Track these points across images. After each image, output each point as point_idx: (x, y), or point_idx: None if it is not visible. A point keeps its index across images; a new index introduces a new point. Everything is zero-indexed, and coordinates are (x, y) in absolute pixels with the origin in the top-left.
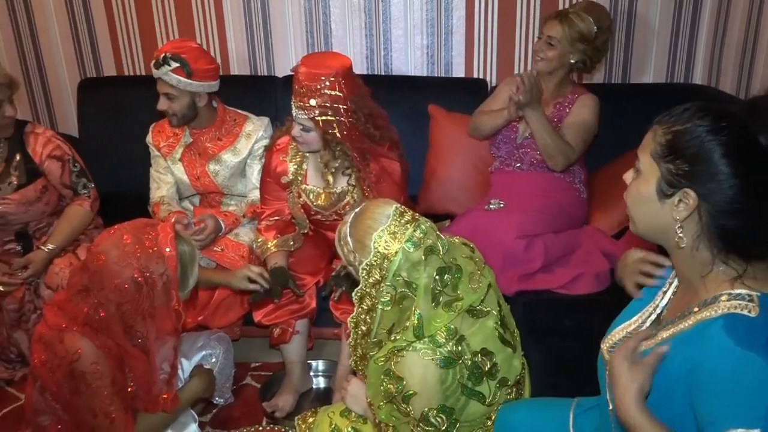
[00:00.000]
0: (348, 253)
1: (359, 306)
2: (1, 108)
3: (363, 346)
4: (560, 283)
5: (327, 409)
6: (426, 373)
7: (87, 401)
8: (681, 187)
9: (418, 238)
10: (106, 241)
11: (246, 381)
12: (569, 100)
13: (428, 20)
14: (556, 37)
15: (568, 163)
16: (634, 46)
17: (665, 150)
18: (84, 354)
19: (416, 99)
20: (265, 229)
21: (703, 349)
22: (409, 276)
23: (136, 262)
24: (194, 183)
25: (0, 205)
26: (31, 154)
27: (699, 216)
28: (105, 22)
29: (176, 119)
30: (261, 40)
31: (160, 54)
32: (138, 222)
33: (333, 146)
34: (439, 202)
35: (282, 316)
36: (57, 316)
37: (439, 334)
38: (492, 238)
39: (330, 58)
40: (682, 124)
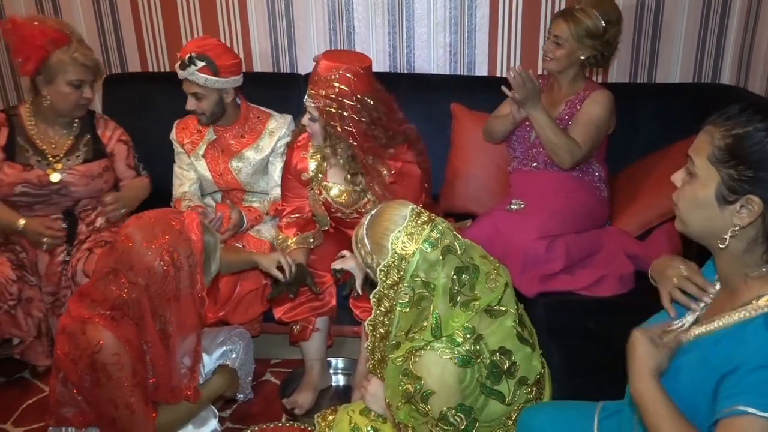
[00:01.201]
0: (365, 255)
1: (377, 308)
2: (81, 88)
3: (381, 350)
4: (582, 285)
5: (347, 407)
6: (444, 371)
7: (108, 392)
8: (744, 193)
9: (435, 238)
10: (134, 224)
11: (266, 377)
12: (581, 97)
13: (451, 18)
14: (562, 35)
15: (574, 161)
16: (661, 45)
17: (725, 155)
18: (105, 345)
19: (439, 97)
20: (286, 226)
21: (742, 346)
22: (427, 276)
23: (165, 243)
24: (217, 180)
25: (67, 174)
26: (100, 136)
27: (763, 221)
28: (130, 18)
29: (205, 118)
30: (284, 37)
31: (184, 55)
32: (164, 209)
33: (334, 141)
34: (461, 201)
35: (302, 314)
36: (80, 307)
37: (457, 334)
38: (513, 238)
39: (351, 55)
40: (742, 127)
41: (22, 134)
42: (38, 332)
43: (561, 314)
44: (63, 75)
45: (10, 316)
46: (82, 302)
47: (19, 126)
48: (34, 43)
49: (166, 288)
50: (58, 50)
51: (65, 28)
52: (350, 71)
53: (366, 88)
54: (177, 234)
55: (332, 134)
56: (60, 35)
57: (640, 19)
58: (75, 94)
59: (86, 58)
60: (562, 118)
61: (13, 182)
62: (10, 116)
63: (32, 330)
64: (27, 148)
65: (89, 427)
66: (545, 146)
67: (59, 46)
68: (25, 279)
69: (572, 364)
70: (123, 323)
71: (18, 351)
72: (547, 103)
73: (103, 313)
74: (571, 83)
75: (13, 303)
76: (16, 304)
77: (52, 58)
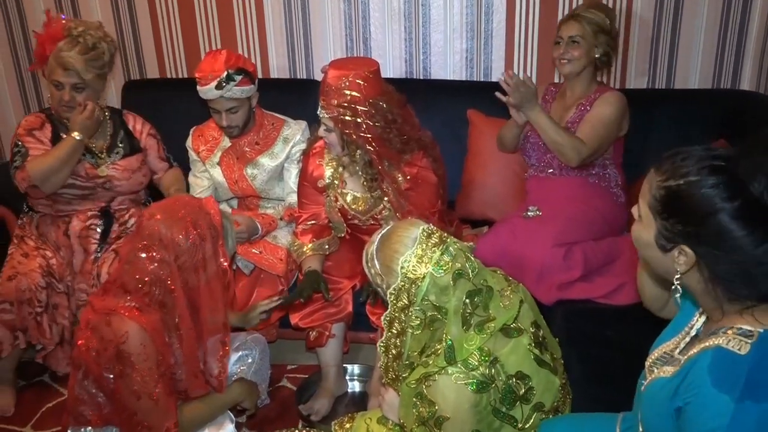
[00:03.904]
0: (375, 275)
1: (389, 330)
2: (62, 90)
3: (395, 369)
4: (601, 293)
5: (364, 415)
6: (459, 397)
7: (132, 383)
8: (678, 243)
9: (446, 261)
10: (155, 206)
11: (282, 383)
12: (591, 98)
13: (468, 24)
14: (579, 33)
15: (581, 158)
16: (679, 51)
17: (659, 205)
18: (131, 336)
19: (455, 103)
20: (302, 232)
21: (690, 381)
22: (438, 300)
23: (188, 216)
24: (232, 186)
25: (111, 169)
26: (132, 131)
27: (700, 268)
28: (149, 25)
29: (238, 130)
30: (301, 43)
31: (218, 74)
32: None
33: (351, 148)
34: (477, 208)
35: (318, 320)
36: (104, 300)
37: (472, 357)
38: (530, 246)
39: (358, 61)
40: (675, 180)
41: (62, 129)
42: (61, 339)
43: (580, 322)
44: (49, 74)
45: (37, 323)
46: (107, 295)
47: (58, 122)
48: (41, 40)
49: (194, 258)
50: (53, 51)
51: (73, 30)
52: (359, 77)
53: (377, 91)
54: (197, 209)
55: (349, 142)
56: (58, 35)
57: (658, 24)
58: (57, 94)
59: (69, 59)
60: (573, 122)
61: None
62: (48, 115)
63: (55, 337)
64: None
65: (107, 426)
66: (550, 146)
67: (54, 46)
68: (53, 286)
69: (592, 373)
70: (148, 313)
71: (41, 356)
72: (559, 109)
73: (128, 305)
74: (584, 86)
75: (41, 310)
76: (43, 311)
77: (49, 58)
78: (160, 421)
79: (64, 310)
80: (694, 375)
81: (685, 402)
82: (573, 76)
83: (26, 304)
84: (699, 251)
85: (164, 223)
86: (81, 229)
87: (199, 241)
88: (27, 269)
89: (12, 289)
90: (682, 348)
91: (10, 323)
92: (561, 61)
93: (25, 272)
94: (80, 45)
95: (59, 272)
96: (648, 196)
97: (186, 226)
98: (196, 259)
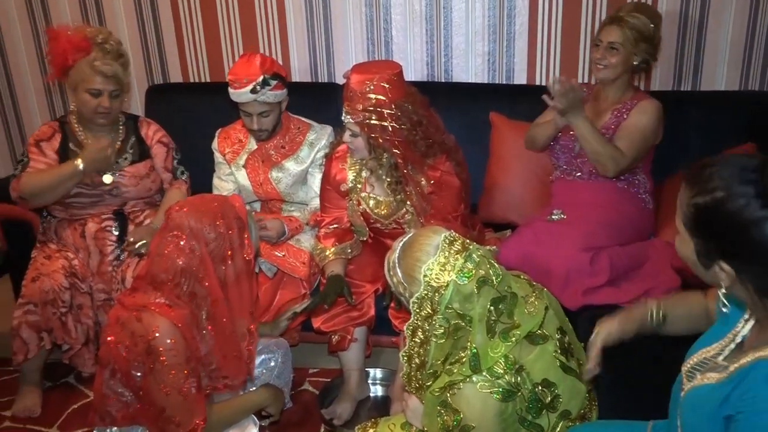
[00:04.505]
0: (397, 283)
1: (411, 339)
2: (100, 97)
3: (418, 379)
4: (628, 299)
5: (388, 420)
6: (485, 406)
7: (161, 378)
8: (716, 260)
9: (469, 269)
10: (183, 201)
11: (304, 386)
12: (628, 106)
13: (490, 26)
14: (618, 41)
15: (618, 169)
16: (705, 53)
17: (692, 223)
18: (162, 331)
19: (477, 106)
20: (324, 236)
21: (744, 391)
22: (462, 308)
23: (214, 208)
24: (257, 190)
25: (118, 176)
26: (143, 137)
27: (743, 281)
28: (172, 30)
29: (267, 133)
30: (322, 47)
31: (254, 78)
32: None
33: (378, 153)
34: (500, 211)
35: (341, 323)
36: (134, 298)
37: (497, 365)
38: (555, 250)
39: (380, 64)
40: (703, 197)
41: (73, 140)
42: (86, 339)
43: None
44: (82, 83)
45: (62, 323)
46: (136, 293)
47: (70, 132)
48: (59, 51)
49: (223, 246)
50: (82, 60)
51: (97, 36)
52: (384, 80)
53: (401, 93)
54: (222, 201)
55: (375, 146)
56: (84, 44)
57: (684, 25)
58: (93, 102)
59: (106, 66)
60: (609, 128)
61: None
62: (62, 123)
63: (81, 337)
64: (78, 152)
65: (133, 426)
66: (588, 155)
67: (82, 55)
68: (76, 286)
69: (619, 380)
70: (178, 308)
71: (67, 357)
72: (593, 112)
73: (158, 301)
74: (619, 92)
75: (65, 310)
76: (68, 312)
77: (75, 68)
78: (188, 416)
79: (87, 310)
80: (750, 385)
81: (737, 411)
82: (607, 81)
83: (50, 305)
84: (737, 267)
85: (192, 214)
86: (96, 230)
87: (225, 231)
88: (50, 270)
89: (36, 291)
90: (727, 355)
91: (35, 324)
92: (597, 66)
93: (47, 273)
94: (111, 53)
95: (81, 273)
96: (680, 211)
97: (214, 216)
98: (224, 249)
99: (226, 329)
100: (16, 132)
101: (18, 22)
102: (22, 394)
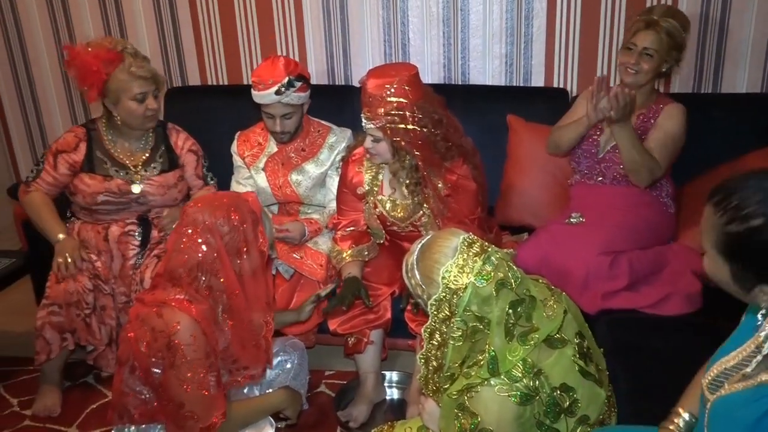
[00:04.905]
0: (415, 285)
1: (429, 342)
2: (145, 101)
3: (435, 381)
4: (647, 303)
5: (404, 423)
6: (502, 409)
7: (181, 373)
8: (755, 284)
9: (488, 271)
10: (197, 198)
11: (320, 389)
12: (654, 111)
13: (507, 28)
14: (654, 47)
15: (653, 180)
16: (727, 54)
17: (727, 250)
18: (183, 326)
19: (494, 109)
20: (341, 239)
21: None
22: (480, 311)
23: (228, 202)
24: (276, 192)
25: (146, 185)
26: (173, 146)
27: None
28: (191, 34)
29: (289, 135)
30: (339, 50)
31: (279, 79)
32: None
33: (401, 155)
34: (517, 214)
35: (357, 326)
36: (153, 295)
37: (515, 369)
38: (574, 253)
39: (395, 67)
40: (738, 224)
41: (100, 147)
42: (110, 340)
43: (625, 333)
44: (125, 92)
45: (86, 325)
46: (156, 290)
47: (98, 140)
48: (91, 69)
49: (237, 238)
50: (116, 70)
51: (117, 45)
52: (403, 83)
53: (420, 94)
54: (236, 196)
55: (399, 149)
56: (112, 55)
57: (704, 25)
58: (141, 107)
59: (143, 69)
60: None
61: (95, 192)
62: (89, 130)
63: (104, 338)
64: (105, 160)
65: (151, 424)
66: (626, 164)
67: (115, 65)
68: (99, 288)
69: (638, 385)
70: (198, 303)
71: (91, 358)
72: None
73: (178, 297)
74: (644, 96)
75: (89, 312)
76: (91, 313)
77: (111, 80)
78: (208, 411)
79: (110, 311)
80: None
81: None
82: (635, 86)
83: (74, 306)
84: None
85: (206, 209)
86: (119, 234)
87: (240, 224)
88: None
89: (61, 292)
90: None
91: (58, 325)
92: (628, 70)
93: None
94: (139, 55)
95: (104, 275)
96: (711, 235)
97: (227, 210)
98: (239, 242)
99: (244, 320)
100: (38, 135)
101: (39, 23)
102: (42, 393)
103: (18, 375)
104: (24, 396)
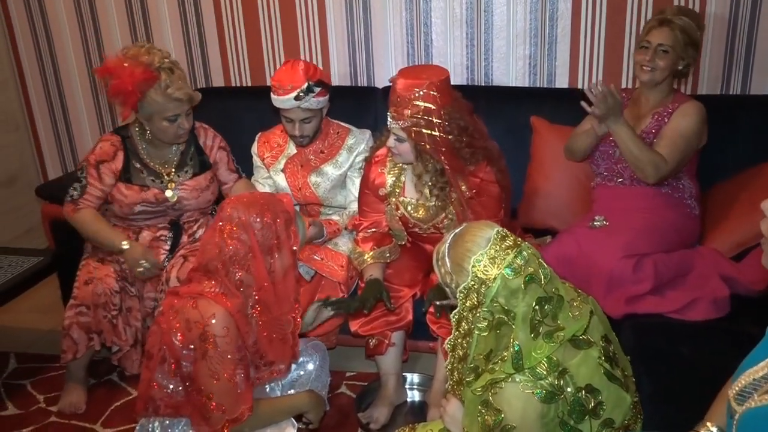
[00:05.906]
0: (445, 273)
1: (456, 329)
2: (177, 121)
3: (459, 371)
4: (673, 308)
5: (426, 425)
6: (526, 406)
7: (213, 364)
8: None
9: (519, 265)
10: (233, 197)
11: (341, 390)
12: (669, 109)
13: (531, 30)
14: (668, 43)
15: (660, 175)
16: (756, 56)
17: None
18: (218, 318)
19: (518, 110)
20: (362, 240)
21: None
22: (507, 303)
23: (262, 201)
24: (295, 194)
25: (179, 190)
26: (202, 147)
27: None
28: (216, 36)
29: (308, 139)
30: (362, 51)
31: (299, 85)
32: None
33: (425, 158)
34: (540, 217)
35: (378, 327)
36: (188, 287)
37: (540, 366)
38: (597, 257)
39: (427, 69)
40: None
41: (135, 157)
42: (134, 341)
43: (650, 338)
44: (158, 114)
45: (112, 326)
46: (191, 283)
47: (132, 149)
48: (126, 89)
49: (270, 236)
50: (151, 89)
51: (155, 60)
52: (433, 87)
53: (449, 100)
54: (271, 196)
55: (422, 152)
56: (148, 74)
57: (733, 26)
58: (173, 126)
59: (179, 91)
60: (649, 132)
61: (132, 202)
62: (124, 139)
63: (130, 339)
64: (141, 169)
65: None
66: (628, 161)
67: (150, 85)
68: (126, 290)
69: (663, 391)
70: (233, 298)
71: (116, 358)
72: (633, 117)
73: (214, 290)
74: (661, 95)
75: (116, 313)
76: (118, 314)
77: (146, 99)
78: (235, 403)
79: (136, 313)
80: None
81: None
82: (652, 84)
83: (102, 308)
84: None
85: (240, 206)
86: (151, 239)
87: (272, 222)
88: (102, 274)
89: (89, 293)
90: None
91: (86, 325)
92: (643, 68)
93: (100, 277)
94: (175, 73)
95: (131, 277)
96: None
97: (261, 208)
98: (271, 240)
99: (272, 316)
100: (65, 136)
101: (66, 21)
102: (68, 390)
103: (45, 372)
104: (50, 392)
